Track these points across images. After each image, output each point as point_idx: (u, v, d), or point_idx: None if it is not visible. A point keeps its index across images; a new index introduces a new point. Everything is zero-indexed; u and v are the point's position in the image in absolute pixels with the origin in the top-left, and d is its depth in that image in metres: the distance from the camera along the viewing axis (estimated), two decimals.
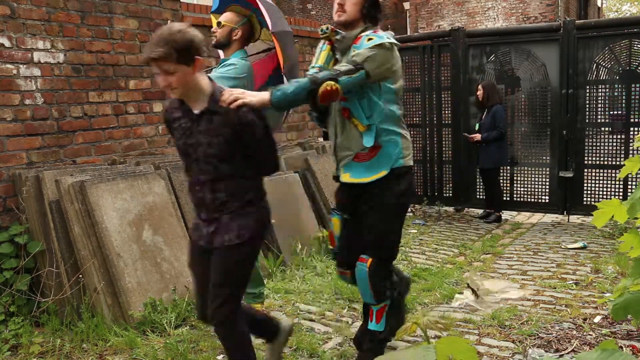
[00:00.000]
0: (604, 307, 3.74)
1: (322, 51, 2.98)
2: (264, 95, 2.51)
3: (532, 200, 6.80)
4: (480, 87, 6.44)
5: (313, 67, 2.95)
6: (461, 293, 4.15)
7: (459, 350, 0.86)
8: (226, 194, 2.42)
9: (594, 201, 6.37)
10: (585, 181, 6.42)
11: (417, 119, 7.34)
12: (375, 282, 2.87)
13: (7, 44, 3.76)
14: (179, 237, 4.03)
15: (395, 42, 2.79)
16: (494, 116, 6.32)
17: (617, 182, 6.22)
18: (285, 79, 3.59)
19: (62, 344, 3.35)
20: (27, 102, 3.89)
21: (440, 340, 0.83)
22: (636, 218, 1.98)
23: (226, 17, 3.47)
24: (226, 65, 3.35)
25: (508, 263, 4.97)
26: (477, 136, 6.44)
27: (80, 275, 3.62)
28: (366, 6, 2.83)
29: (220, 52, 3.61)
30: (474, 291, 4.08)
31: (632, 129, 6.10)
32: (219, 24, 3.45)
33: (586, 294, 4.05)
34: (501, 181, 6.77)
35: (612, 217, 1.94)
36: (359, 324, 3.64)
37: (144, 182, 4.00)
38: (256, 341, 3.18)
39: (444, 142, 7.24)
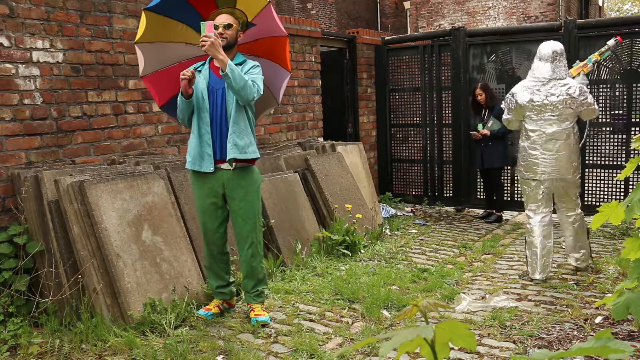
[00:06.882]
0: (605, 308, 3.73)
1: None
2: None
3: None
4: (480, 90, 6.36)
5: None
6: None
7: (459, 335, 0.84)
8: None
9: (595, 201, 6.35)
10: (586, 181, 6.41)
11: (417, 118, 7.33)
12: None
13: (5, 43, 3.75)
14: (178, 237, 4.02)
15: None
16: (500, 114, 6.27)
17: (618, 182, 6.20)
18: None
19: (61, 345, 3.34)
20: (26, 101, 3.87)
21: (439, 324, 0.81)
22: (635, 219, 1.97)
23: (230, 19, 3.52)
24: (256, 67, 3.51)
25: (509, 263, 4.95)
26: (486, 131, 6.30)
27: (80, 276, 3.60)
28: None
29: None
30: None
31: (633, 129, 6.08)
32: (229, 25, 3.47)
33: (587, 295, 4.03)
34: (502, 181, 6.75)
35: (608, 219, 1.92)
36: (359, 324, 3.63)
37: (144, 182, 3.99)
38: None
39: (444, 142, 7.23)
